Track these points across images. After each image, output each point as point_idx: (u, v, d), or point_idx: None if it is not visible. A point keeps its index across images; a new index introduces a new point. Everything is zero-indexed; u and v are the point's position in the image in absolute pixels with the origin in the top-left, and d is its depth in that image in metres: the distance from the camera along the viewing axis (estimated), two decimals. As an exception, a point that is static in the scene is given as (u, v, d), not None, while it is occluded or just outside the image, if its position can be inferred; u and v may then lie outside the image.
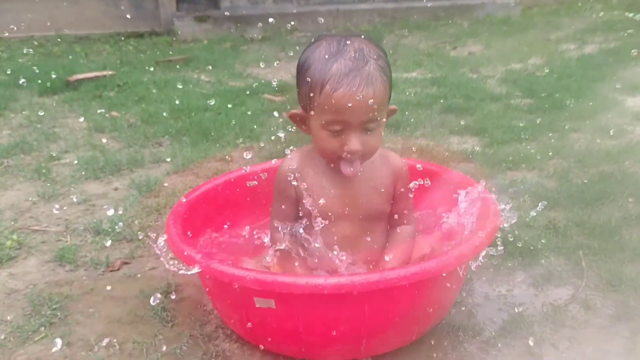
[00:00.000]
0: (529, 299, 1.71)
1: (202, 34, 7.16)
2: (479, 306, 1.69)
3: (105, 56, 6.11)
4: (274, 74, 5.17)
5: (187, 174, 2.76)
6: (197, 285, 1.78)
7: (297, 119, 1.54)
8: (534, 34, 6.66)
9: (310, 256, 1.54)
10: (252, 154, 2.99)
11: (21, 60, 5.76)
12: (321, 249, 1.53)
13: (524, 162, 2.75)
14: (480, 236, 1.41)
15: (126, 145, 3.22)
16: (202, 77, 4.94)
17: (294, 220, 1.61)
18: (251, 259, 1.69)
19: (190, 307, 1.72)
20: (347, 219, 1.55)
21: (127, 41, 7.03)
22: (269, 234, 1.71)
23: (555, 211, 2.25)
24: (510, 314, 1.64)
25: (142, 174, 2.76)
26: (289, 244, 1.54)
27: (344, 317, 1.32)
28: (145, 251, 2.06)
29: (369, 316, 1.32)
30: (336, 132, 1.42)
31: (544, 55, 5.48)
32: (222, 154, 2.98)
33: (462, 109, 3.71)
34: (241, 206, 1.91)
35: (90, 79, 4.64)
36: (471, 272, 1.84)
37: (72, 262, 1.99)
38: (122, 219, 2.26)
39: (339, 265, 1.52)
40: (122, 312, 1.71)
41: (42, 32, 7.24)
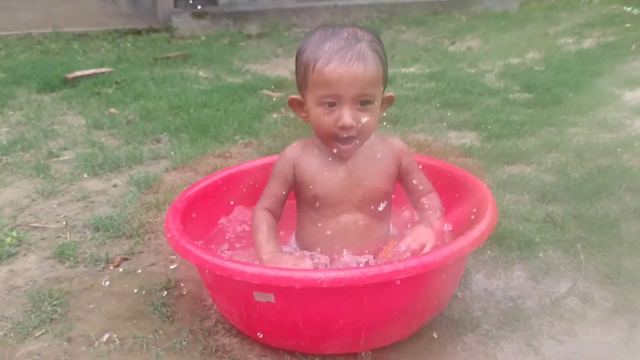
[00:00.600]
0: (527, 292, 1.72)
1: (200, 30, 7.16)
2: (478, 299, 1.70)
3: (103, 53, 6.11)
4: (272, 70, 5.17)
5: (186, 170, 2.76)
6: (196, 280, 1.79)
7: (295, 104, 1.58)
8: (532, 29, 6.66)
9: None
10: (251, 150, 3.00)
11: (19, 57, 5.76)
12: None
13: (522, 157, 2.75)
14: (479, 229, 1.41)
15: (125, 142, 3.22)
16: (201, 73, 4.93)
17: (281, 203, 1.63)
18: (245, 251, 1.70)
19: (190, 302, 1.73)
20: (350, 204, 1.56)
21: (125, 38, 7.03)
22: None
23: (553, 205, 2.26)
24: (508, 307, 1.65)
25: (141, 170, 2.77)
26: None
27: (343, 311, 1.33)
28: (144, 247, 2.06)
29: (367, 309, 1.32)
30: (330, 109, 1.45)
31: (542, 49, 5.48)
32: (221, 150, 2.99)
33: (460, 104, 3.72)
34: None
35: (88, 76, 4.64)
36: (470, 265, 1.85)
37: (71, 258, 1.99)
38: (122, 216, 2.27)
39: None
40: (122, 307, 1.71)
41: (40, 29, 7.24)
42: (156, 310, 1.68)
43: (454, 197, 1.76)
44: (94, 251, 2.04)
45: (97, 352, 1.52)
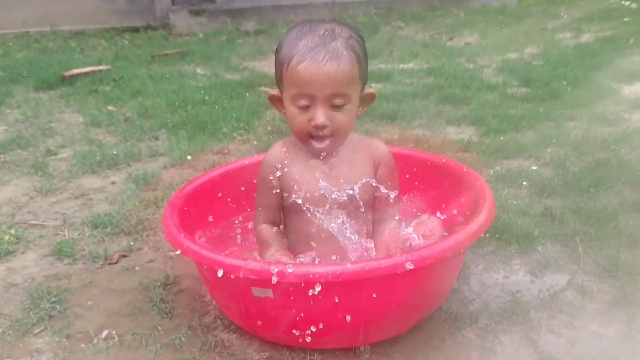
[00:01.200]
0: (525, 286, 1.72)
1: (197, 27, 7.14)
2: (476, 293, 1.70)
3: (100, 51, 6.09)
4: (270, 66, 5.15)
5: (184, 167, 2.76)
6: (195, 276, 1.79)
7: (275, 100, 1.56)
8: (530, 23, 6.65)
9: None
10: (249, 146, 2.99)
11: (17, 56, 5.75)
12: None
13: (521, 151, 2.75)
14: (477, 223, 1.41)
15: (123, 139, 3.21)
16: (198, 70, 4.93)
17: (277, 209, 1.63)
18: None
19: (188, 298, 1.73)
20: (331, 204, 1.54)
21: (123, 36, 7.01)
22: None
23: (551, 199, 2.26)
24: (507, 301, 1.65)
25: (139, 167, 2.76)
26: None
27: (341, 305, 1.32)
28: (143, 244, 2.06)
29: (366, 304, 1.32)
30: (304, 108, 1.44)
31: (540, 44, 5.47)
32: (219, 147, 2.99)
33: (458, 99, 3.71)
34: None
35: (86, 74, 4.63)
36: (468, 259, 1.85)
37: (70, 255, 1.99)
38: (120, 213, 2.26)
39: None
40: (121, 304, 1.71)
41: (38, 27, 7.22)
42: (155, 306, 1.68)
43: (451, 191, 1.76)
44: (93, 248, 2.04)
45: (96, 349, 1.52)
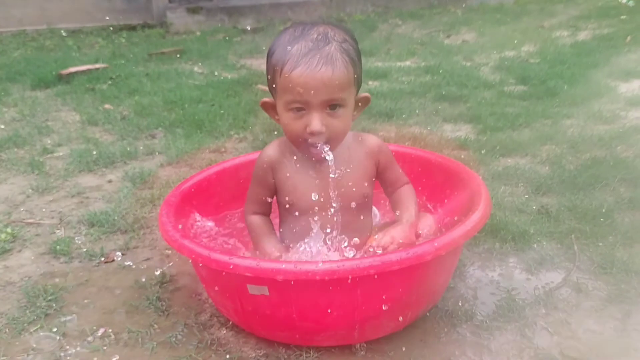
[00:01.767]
0: (521, 283, 1.72)
1: (194, 25, 7.13)
2: (472, 290, 1.70)
3: (97, 49, 6.08)
4: (267, 64, 5.15)
5: (181, 165, 2.76)
6: (191, 274, 1.79)
7: (268, 107, 1.54)
8: (528, 22, 6.66)
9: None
10: (246, 145, 2.99)
11: (14, 54, 5.73)
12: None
13: (517, 149, 2.76)
14: (472, 220, 1.41)
15: (119, 137, 3.21)
16: (195, 68, 4.92)
17: (268, 206, 1.63)
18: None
19: (185, 296, 1.73)
20: (327, 207, 1.53)
21: (120, 34, 7.00)
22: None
23: (547, 196, 2.27)
24: (502, 298, 1.65)
25: (135, 166, 2.76)
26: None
27: (337, 303, 1.33)
28: (139, 242, 2.06)
29: (361, 301, 1.32)
30: (299, 114, 1.41)
31: (537, 42, 5.48)
32: (215, 145, 2.98)
33: (455, 97, 3.72)
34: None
35: (82, 72, 4.62)
36: (464, 256, 1.85)
37: (66, 253, 1.99)
38: (116, 211, 2.26)
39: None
40: (117, 302, 1.71)
41: (34, 26, 7.20)
42: (151, 304, 1.68)
43: (447, 189, 1.76)
44: (89, 247, 2.04)
45: (92, 347, 1.52)
